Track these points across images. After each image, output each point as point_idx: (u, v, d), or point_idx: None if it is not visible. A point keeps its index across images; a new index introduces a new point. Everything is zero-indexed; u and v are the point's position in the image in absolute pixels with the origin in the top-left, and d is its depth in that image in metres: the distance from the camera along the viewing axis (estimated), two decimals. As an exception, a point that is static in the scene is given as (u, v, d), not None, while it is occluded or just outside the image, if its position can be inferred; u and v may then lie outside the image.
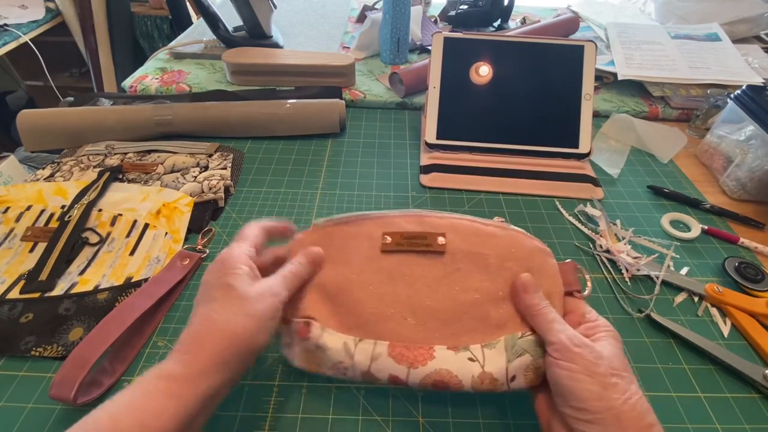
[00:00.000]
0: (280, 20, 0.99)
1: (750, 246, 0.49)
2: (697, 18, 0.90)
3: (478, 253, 0.34)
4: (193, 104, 0.63)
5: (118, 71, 1.81)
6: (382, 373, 0.32)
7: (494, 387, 0.31)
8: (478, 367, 0.31)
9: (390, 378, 0.32)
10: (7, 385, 0.35)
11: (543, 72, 0.60)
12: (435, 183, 0.56)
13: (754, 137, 0.55)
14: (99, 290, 0.41)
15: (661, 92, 0.73)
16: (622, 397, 0.25)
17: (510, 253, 0.34)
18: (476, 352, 0.32)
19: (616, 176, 0.59)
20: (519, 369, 0.31)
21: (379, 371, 0.32)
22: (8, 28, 1.48)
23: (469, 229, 0.35)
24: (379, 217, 0.36)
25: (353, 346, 0.32)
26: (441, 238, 0.35)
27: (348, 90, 0.74)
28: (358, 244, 0.36)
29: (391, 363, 0.32)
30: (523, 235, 0.35)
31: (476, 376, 0.31)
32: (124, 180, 0.54)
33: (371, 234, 0.36)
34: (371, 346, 0.32)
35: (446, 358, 0.32)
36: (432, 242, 0.35)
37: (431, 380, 0.31)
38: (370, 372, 0.32)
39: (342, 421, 0.34)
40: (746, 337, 0.40)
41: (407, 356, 0.32)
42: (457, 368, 0.31)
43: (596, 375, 0.26)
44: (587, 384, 0.26)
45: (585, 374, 0.26)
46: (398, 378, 0.31)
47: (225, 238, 0.48)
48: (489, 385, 0.31)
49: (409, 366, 0.31)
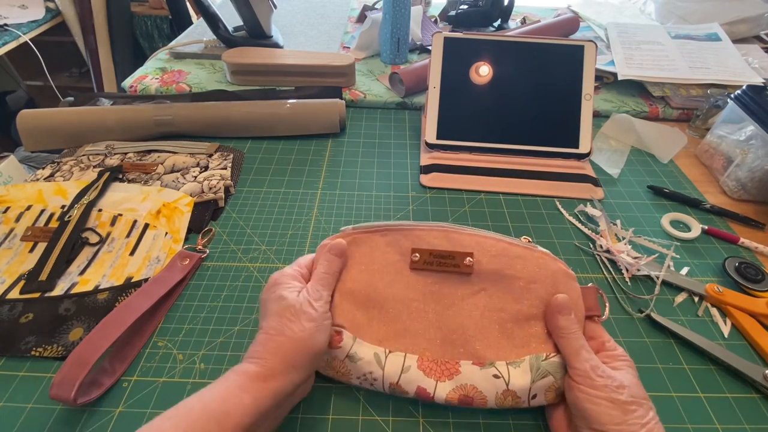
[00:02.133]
0: (280, 20, 0.99)
1: (750, 246, 0.49)
2: (697, 18, 0.90)
3: (504, 273, 0.35)
4: (193, 104, 0.63)
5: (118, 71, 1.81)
6: (410, 385, 0.32)
7: (516, 404, 0.32)
8: (503, 384, 0.32)
9: (418, 390, 0.32)
10: (7, 385, 0.35)
11: (543, 72, 0.60)
12: (435, 183, 0.56)
13: (754, 137, 0.55)
14: (99, 290, 0.41)
15: (661, 92, 0.73)
16: (641, 422, 0.27)
17: (536, 274, 0.35)
18: (501, 369, 0.32)
19: (616, 176, 0.59)
20: (541, 389, 0.32)
21: (408, 383, 0.32)
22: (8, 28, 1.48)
23: (495, 249, 0.36)
24: (407, 228, 0.37)
25: (384, 358, 0.33)
26: (468, 259, 0.36)
27: (348, 90, 0.74)
28: (386, 257, 0.37)
29: (420, 376, 0.33)
30: (549, 257, 0.36)
31: (500, 393, 0.32)
32: (124, 180, 0.54)
33: (400, 246, 0.37)
34: (401, 358, 0.33)
35: (472, 374, 0.32)
36: (459, 263, 0.36)
37: (457, 395, 0.32)
38: (399, 384, 0.33)
39: (342, 421, 0.34)
40: (746, 337, 0.40)
41: (435, 370, 0.33)
42: (482, 384, 0.32)
43: (617, 402, 0.28)
44: (609, 409, 0.28)
45: (607, 401, 0.28)
46: (425, 391, 0.32)
47: (225, 238, 0.48)
48: (511, 402, 0.32)
49: (437, 379, 0.32)
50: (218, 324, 0.40)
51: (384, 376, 0.33)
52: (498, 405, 0.32)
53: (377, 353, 0.34)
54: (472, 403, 0.32)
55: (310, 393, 0.35)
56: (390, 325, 0.35)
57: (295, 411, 0.34)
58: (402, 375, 0.33)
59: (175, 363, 0.37)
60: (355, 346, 0.34)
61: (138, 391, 0.35)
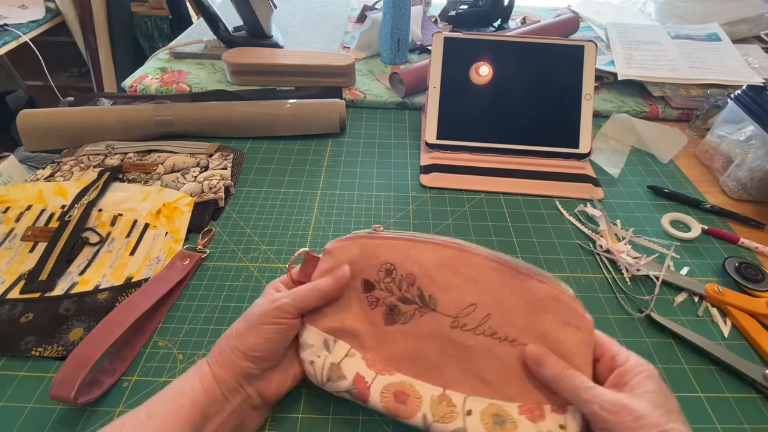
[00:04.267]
0: (280, 20, 0.99)
1: (750, 246, 0.49)
2: (697, 18, 0.90)
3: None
4: (194, 104, 0.63)
5: (118, 71, 1.81)
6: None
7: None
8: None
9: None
10: (7, 385, 0.35)
11: (543, 72, 0.60)
12: (435, 183, 0.56)
13: (754, 137, 0.55)
14: (99, 290, 0.41)
15: (661, 92, 0.73)
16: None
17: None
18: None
19: (616, 176, 0.59)
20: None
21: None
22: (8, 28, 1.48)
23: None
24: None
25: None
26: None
27: (348, 90, 0.74)
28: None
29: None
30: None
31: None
32: (124, 180, 0.54)
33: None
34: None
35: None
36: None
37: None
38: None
39: (342, 421, 0.34)
40: (746, 337, 0.40)
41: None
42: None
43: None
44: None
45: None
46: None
47: (225, 238, 0.48)
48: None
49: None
50: (218, 324, 0.40)
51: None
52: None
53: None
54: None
55: (310, 393, 0.35)
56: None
57: (296, 411, 0.34)
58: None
59: (175, 363, 0.37)
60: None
61: (138, 391, 0.35)
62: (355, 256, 0.35)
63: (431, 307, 0.33)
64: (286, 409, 0.34)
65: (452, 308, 0.33)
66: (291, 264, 0.36)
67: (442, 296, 0.34)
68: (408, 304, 0.34)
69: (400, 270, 0.34)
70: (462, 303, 0.33)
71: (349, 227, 0.50)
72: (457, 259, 0.34)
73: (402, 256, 0.35)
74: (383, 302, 0.34)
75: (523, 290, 0.33)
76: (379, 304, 0.34)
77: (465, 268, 0.34)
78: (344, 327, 0.34)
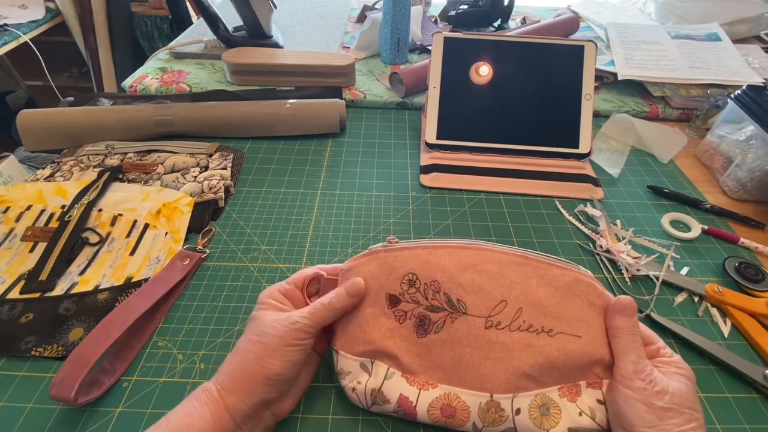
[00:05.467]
0: (280, 20, 0.99)
1: (750, 246, 0.49)
2: (697, 18, 0.90)
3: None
4: (194, 104, 0.63)
5: (118, 71, 1.81)
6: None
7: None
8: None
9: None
10: (7, 385, 0.35)
11: (543, 72, 0.60)
12: (435, 183, 0.56)
13: (754, 137, 0.55)
14: (99, 290, 0.41)
15: (661, 92, 0.73)
16: (676, 430, 0.27)
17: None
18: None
19: (616, 176, 0.59)
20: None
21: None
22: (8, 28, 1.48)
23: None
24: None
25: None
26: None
27: (348, 90, 0.74)
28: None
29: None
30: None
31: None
32: (124, 180, 0.54)
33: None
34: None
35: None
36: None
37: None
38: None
39: (342, 421, 0.34)
40: (746, 337, 0.40)
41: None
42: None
43: (653, 406, 0.28)
44: (642, 412, 0.28)
45: (642, 403, 0.28)
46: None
47: (225, 238, 0.48)
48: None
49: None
50: (218, 324, 0.40)
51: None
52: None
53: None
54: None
55: (310, 393, 0.35)
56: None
57: (295, 411, 0.34)
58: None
59: (175, 363, 0.37)
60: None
61: (138, 391, 0.35)
62: (375, 272, 0.34)
63: (462, 311, 0.33)
64: (286, 409, 0.34)
65: (483, 308, 0.33)
66: (304, 288, 0.35)
67: (470, 298, 0.33)
68: (437, 312, 0.33)
69: (423, 278, 0.34)
70: (492, 301, 0.33)
71: (349, 227, 0.50)
72: (477, 259, 0.34)
73: (422, 264, 0.34)
74: (411, 314, 0.34)
75: (549, 279, 0.33)
76: (408, 317, 0.34)
77: (487, 266, 0.34)
78: (377, 348, 0.33)
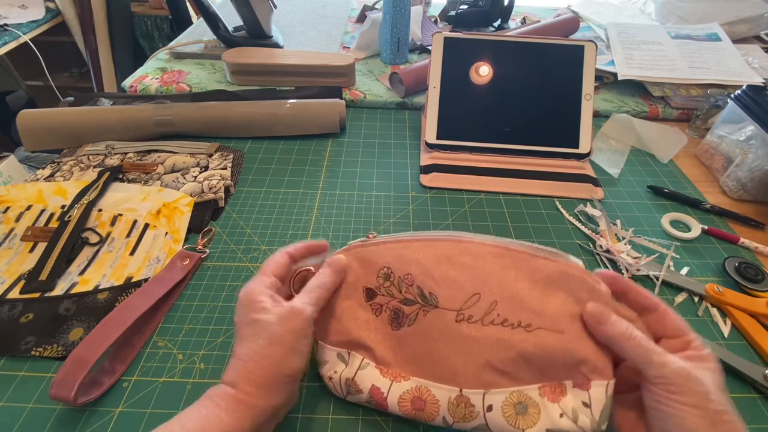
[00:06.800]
0: (280, 20, 0.99)
1: (750, 246, 0.49)
2: (697, 18, 0.90)
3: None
4: (194, 104, 0.63)
5: (118, 71, 1.81)
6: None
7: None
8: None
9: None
10: (7, 385, 0.35)
11: (543, 72, 0.60)
12: (435, 183, 0.56)
13: (754, 137, 0.55)
14: (99, 290, 0.41)
15: (661, 92, 0.73)
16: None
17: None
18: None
19: (616, 176, 0.59)
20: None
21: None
22: (8, 28, 1.48)
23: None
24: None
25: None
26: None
27: (348, 90, 0.74)
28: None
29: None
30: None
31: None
32: (124, 180, 0.54)
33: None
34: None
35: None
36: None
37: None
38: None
39: (342, 421, 0.34)
40: (746, 337, 0.40)
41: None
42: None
43: (707, 411, 0.25)
44: (697, 418, 0.24)
45: (695, 408, 0.25)
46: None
47: (225, 238, 0.48)
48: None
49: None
50: (218, 324, 0.40)
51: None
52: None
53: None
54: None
55: (310, 393, 0.35)
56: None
57: (296, 411, 0.34)
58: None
59: (175, 363, 0.37)
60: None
61: (138, 391, 0.35)
62: (354, 266, 0.35)
63: (433, 304, 0.32)
64: (286, 409, 0.34)
65: (454, 302, 0.32)
66: (292, 283, 0.35)
67: (442, 291, 0.32)
68: (411, 305, 0.33)
69: (397, 272, 0.34)
70: (464, 294, 0.32)
71: (349, 227, 0.50)
72: (453, 251, 0.33)
73: (396, 257, 0.34)
74: (386, 307, 0.34)
75: (530, 271, 0.31)
76: (383, 310, 0.34)
77: (463, 258, 0.33)
78: (352, 339, 0.33)
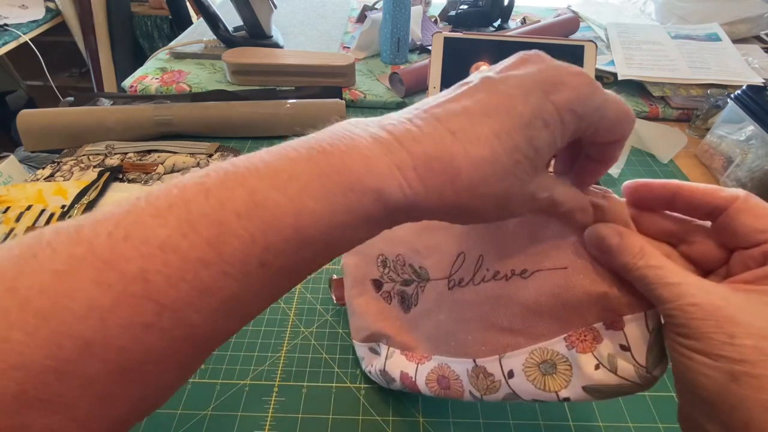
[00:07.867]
0: (280, 20, 0.99)
1: (750, 246, 0.49)
2: (697, 18, 0.90)
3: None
4: (194, 104, 0.63)
5: (118, 71, 1.81)
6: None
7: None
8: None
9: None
10: None
11: (543, 72, 0.60)
12: (435, 183, 0.56)
13: (754, 137, 0.55)
14: (99, 290, 0.41)
15: (661, 92, 0.73)
16: (761, 398, 0.15)
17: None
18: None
19: (616, 176, 0.59)
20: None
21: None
22: (8, 28, 1.48)
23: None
24: None
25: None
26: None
27: (348, 90, 0.74)
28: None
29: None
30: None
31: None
32: (124, 180, 0.54)
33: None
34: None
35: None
36: None
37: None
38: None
39: (342, 421, 0.34)
40: None
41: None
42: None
43: (721, 358, 0.16)
44: (706, 369, 0.16)
45: (703, 355, 0.16)
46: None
47: (225, 238, 0.48)
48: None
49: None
50: (218, 324, 0.40)
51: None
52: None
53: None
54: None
55: (310, 393, 0.35)
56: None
57: (295, 411, 0.34)
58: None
59: (175, 363, 0.37)
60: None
61: (138, 391, 0.35)
62: (356, 263, 0.35)
63: (425, 278, 0.31)
64: (286, 409, 0.34)
65: (442, 269, 0.29)
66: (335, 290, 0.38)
67: (428, 262, 0.30)
68: (410, 285, 0.32)
69: (390, 255, 0.33)
70: (449, 258, 0.29)
71: (349, 227, 0.50)
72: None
73: (386, 242, 0.33)
74: (393, 293, 0.34)
75: None
76: (392, 297, 0.34)
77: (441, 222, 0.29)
78: (374, 332, 0.34)
